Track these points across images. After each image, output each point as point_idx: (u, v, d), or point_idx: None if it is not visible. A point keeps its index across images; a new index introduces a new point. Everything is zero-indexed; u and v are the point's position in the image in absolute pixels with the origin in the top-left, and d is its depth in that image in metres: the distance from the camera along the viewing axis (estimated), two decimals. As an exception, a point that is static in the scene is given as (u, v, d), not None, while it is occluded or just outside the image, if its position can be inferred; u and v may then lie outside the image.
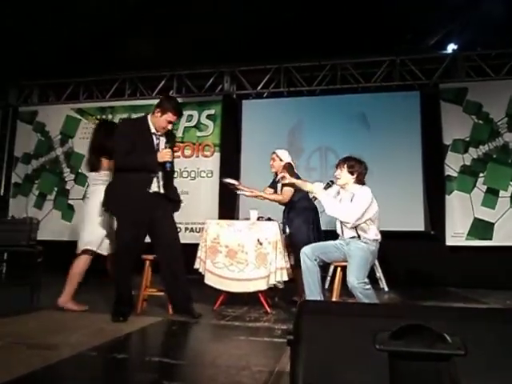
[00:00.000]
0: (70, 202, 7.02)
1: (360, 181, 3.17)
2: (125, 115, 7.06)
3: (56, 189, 7.13)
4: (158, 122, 3.05)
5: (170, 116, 3.03)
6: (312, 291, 3.06)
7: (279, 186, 4.04)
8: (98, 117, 7.17)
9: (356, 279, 2.89)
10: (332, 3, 5.60)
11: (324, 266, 3.67)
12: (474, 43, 6.23)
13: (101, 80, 7.20)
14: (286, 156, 4.15)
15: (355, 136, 6.20)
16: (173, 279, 3.10)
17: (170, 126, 3.11)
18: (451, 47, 6.37)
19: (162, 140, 3.11)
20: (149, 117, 3.12)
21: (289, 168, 3.92)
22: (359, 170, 3.19)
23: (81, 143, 7.14)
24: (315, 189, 3.20)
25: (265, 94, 6.89)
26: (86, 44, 6.04)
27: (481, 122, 5.94)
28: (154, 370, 1.95)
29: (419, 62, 6.31)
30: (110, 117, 7.13)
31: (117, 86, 7.17)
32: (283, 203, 3.98)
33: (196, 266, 3.58)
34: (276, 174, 4.11)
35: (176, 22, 5.74)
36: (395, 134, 6.13)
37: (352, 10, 5.65)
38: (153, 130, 3.08)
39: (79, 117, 7.26)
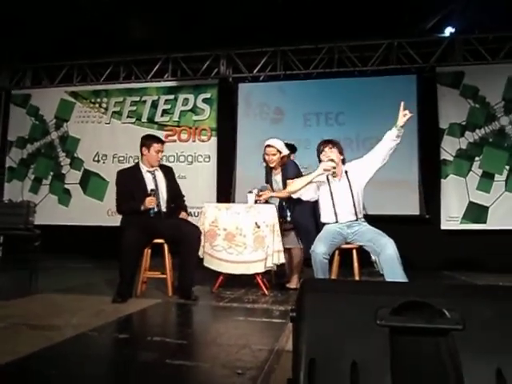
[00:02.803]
0: (66, 186, 6.99)
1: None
2: (120, 99, 7.01)
3: (52, 173, 7.09)
4: (149, 158, 3.43)
5: (155, 147, 3.42)
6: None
7: (277, 180, 3.93)
8: (93, 100, 7.10)
9: (387, 237, 2.91)
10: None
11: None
12: (471, 26, 6.19)
13: (95, 63, 7.10)
14: (282, 146, 3.87)
15: (351, 119, 6.21)
16: (181, 266, 3.25)
17: (160, 155, 3.48)
18: (449, 30, 6.33)
19: (158, 174, 3.48)
20: (140, 163, 3.51)
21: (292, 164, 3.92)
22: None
23: (76, 127, 7.10)
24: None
25: (261, 78, 6.84)
26: (80, 27, 5.95)
27: (477, 105, 5.95)
28: (157, 349, 1.98)
29: (416, 46, 6.28)
30: (104, 100, 7.07)
31: (111, 69, 7.08)
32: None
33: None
34: (271, 168, 3.91)
35: (171, 4, 5.65)
36: (391, 118, 6.08)
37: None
38: (145, 170, 3.44)
39: (73, 100, 7.18)
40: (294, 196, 3.33)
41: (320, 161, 3.25)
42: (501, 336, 1.02)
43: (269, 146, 3.84)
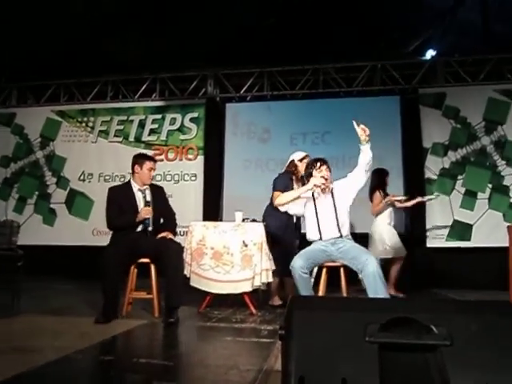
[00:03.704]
0: (51, 206, 6.89)
1: None
2: (107, 118, 7.01)
3: (37, 192, 6.99)
4: (142, 176, 3.42)
5: (148, 165, 3.42)
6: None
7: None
8: (80, 119, 7.08)
9: (369, 255, 2.96)
10: (315, 9, 5.70)
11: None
12: (452, 49, 6.41)
13: (82, 82, 7.12)
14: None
15: (337, 139, 6.30)
16: (166, 285, 3.15)
17: (152, 172, 3.47)
18: (430, 53, 6.55)
19: (148, 193, 3.44)
20: (131, 180, 3.50)
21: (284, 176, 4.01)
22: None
23: (62, 146, 7.05)
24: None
25: (248, 98, 6.93)
26: (68, 46, 5.98)
27: (459, 126, 6.10)
28: (143, 370, 1.94)
29: (399, 68, 6.45)
30: (91, 119, 7.06)
31: (99, 89, 7.10)
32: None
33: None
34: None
35: (159, 24, 5.74)
36: (376, 138, 6.13)
37: (334, 15, 5.76)
38: (136, 189, 3.42)
39: (60, 119, 7.15)
40: (282, 209, 3.33)
41: (310, 176, 3.29)
42: (488, 351, 1.03)
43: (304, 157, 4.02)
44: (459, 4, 6.03)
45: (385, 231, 4.64)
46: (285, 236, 3.90)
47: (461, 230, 5.82)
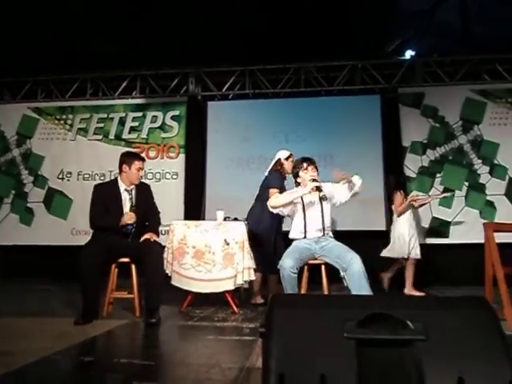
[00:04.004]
0: (28, 205, 6.74)
1: None
2: (86, 115, 6.90)
3: (13, 191, 6.83)
4: (130, 175, 3.34)
5: (137, 164, 3.34)
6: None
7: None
8: (58, 117, 6.95)
9: (352, 252, 2.99)
10: (297, 8, 5.72)
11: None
12: (430, 50, 6.53)
13: (60, 79, 6.97)
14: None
15: (319, 137, 6.35)
16: (146, 285, 3.12)
17: (141, 172, 3.40)
18: (409, 53, 6.66)
19: (134, 193, 3.37)
20: (119, 178, 3.40)
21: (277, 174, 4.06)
22: None
23: (40, 144, 6.90)
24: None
25: (230, 96, 6.91)
26: (46, 42, 5.86)
27: (437, 125, 6.22)
28: (124, 371, 1.93)
29: (379, 67, 6.53)
30: (70, 116, 6.93)
31: (78, 85, 6.97)
32: None
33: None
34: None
35: (141, 21, 5.67)
36: (357, 137, 6.31)
37: (316, 15, 5.80)
38: (123, 188, 3.35)
39: (37, 116, 6.99)
40: (274, 211, 3.30)
41: (297, 176, 3.31)
42: (461, 345, 1.06)
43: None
44: (438, 5, 6.15)
45: (406, 232, 4.75)
46: (269, 233, 3.93)
47: (439, 227, 5.94)
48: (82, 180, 6.65)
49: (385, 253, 4.88)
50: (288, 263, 2.95)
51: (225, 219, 3.78)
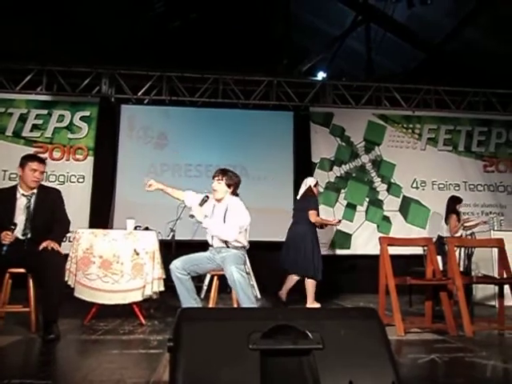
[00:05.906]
0: None
1: (233, 192, 3.34)
2: (-19, 110, 6.25)
3: None
4: (25, 178, 3.11)
5: (30, 165, 3.10)
6: (185, 297, 3.17)
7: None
8: None
9: (235, 265, 3.05)
10: (220, 20, 5.83)
11: (200, 276, 3.81)
12: (340, 73, 7.07)
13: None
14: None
15: (233, 149, 6.47)
16: (42, 297, 2.90)
17: (37, 174, 3.13)
18: (321, 75, 7.12)
19: (33, 200, 3.14)
20: (18, 185, 3.18)
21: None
22: (236, 182, 3.36)
23: None
24: (195, 213, 3.28)
25: (146, 101, 6.76)
26: None
27: (343, 144, 6.72)
28: (15, 392, 1.78)
29: (293, 85, 6.87)
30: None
31: (-29, 76, 6.31)
32: None
33: (65, 279, 3.33)
34: None
35: (52, 13, 5.32)
36: (270, 151, 6.56)
37: (237, 29, 5.95)
38: (21, 193, 3.13)
39: None
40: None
41: None
42: (352, 352, 1.17)
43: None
44: (347, 34, 6.67)
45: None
46: (312, 244, 4.56)
47: (342, 239, 6.38)
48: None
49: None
50: (175, 264, 3.16)
51: (135, 228, 3.68)
